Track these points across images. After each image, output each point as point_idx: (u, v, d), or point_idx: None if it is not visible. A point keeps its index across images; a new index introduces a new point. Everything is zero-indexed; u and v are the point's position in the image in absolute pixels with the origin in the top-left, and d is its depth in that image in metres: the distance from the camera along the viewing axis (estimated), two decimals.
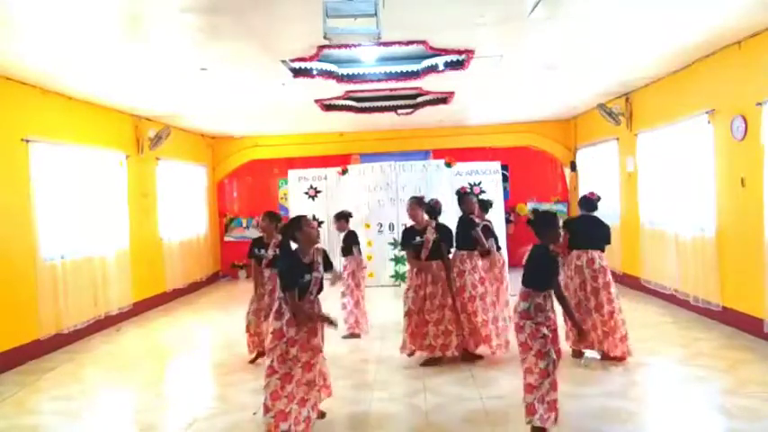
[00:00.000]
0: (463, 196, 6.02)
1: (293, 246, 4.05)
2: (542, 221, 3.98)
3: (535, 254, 3.97)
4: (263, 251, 5.71)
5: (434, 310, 5.46)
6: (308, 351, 3.90)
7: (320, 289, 4.10)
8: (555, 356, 3.79)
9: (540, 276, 3.92)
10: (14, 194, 6.20)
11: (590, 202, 5.67)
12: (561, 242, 4.09)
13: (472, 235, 5.71)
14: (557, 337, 3.95)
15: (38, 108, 6.63)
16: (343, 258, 6.99)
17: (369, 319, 6.94)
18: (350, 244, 6.90)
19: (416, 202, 5.63)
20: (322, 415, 4.25)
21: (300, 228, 4.00)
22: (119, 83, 6.73)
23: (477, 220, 5.90)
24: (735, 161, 6.17)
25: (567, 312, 4.22)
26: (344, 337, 6.58)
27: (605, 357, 5.34)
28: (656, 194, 7.95)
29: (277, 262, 5.20)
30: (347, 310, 6.75)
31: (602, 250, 5.52)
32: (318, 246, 4.14)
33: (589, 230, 5.58)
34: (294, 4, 4.43)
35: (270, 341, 3.86)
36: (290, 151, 12.03)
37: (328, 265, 4.22)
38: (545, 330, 3.80)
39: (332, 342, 4.40)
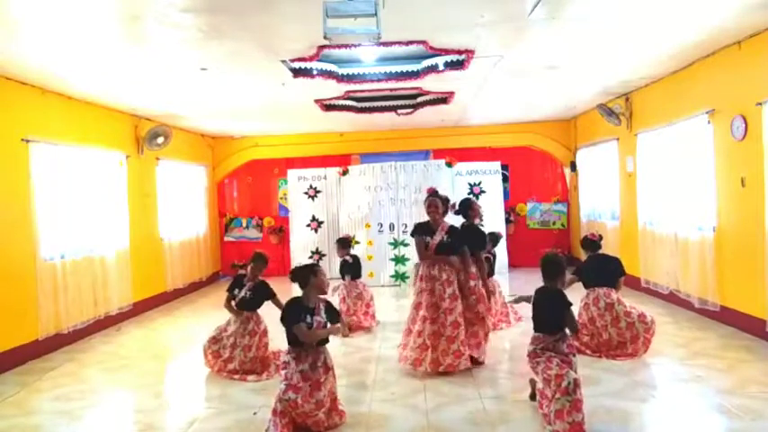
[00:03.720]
0: (471, 202, 6.00)
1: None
2: (553, 266, 4.11)
3: (543, 298, 4.11)
4: (236, 290, 5.55)
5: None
6: (311, 403, 3.98)
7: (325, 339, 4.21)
8: (578, 377, 3.80)
9: (551, 321, 4.08)
10: (14, 194, 6.20)
11: (593, 243, 5.89)
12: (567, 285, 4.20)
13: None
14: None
15: (38, 108, 6.63)
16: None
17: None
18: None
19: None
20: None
21: (315, 275, 4.20)
22: (119, 83, 6.73)
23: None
24: (735, 161, 6.17)
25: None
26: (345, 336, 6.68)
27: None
28: (655, 194, 7.95)
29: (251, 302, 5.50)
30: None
31: (613, 286, 5.68)
32: (323, 297, 4.29)
33: (597, 269, 5.78)
34: (294, 4, 4.43)
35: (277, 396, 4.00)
36: (289, 151, 12.04)
37: (334, 317, 4.28)
38: (557, 360, 3.91)
39: (332, 342, 4.39)
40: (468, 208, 5.90)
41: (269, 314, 5.41)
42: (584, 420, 3.71)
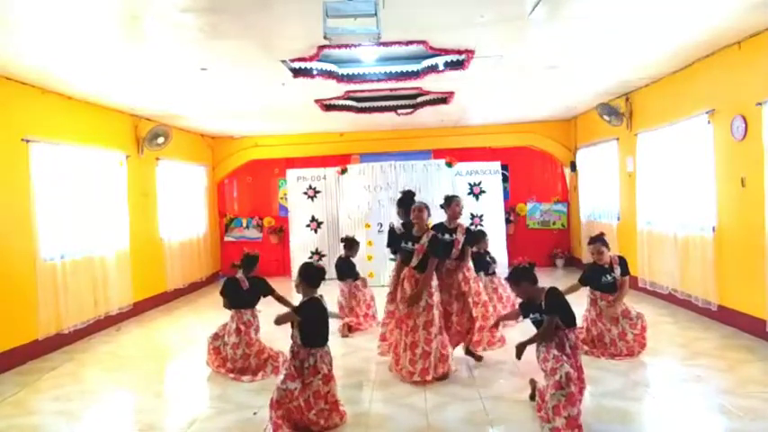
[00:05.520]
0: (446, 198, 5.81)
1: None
2: (518, 276, 4.17)
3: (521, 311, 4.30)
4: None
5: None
6: (301, 400, 4.03)
7: (319, 339, 4.20)
8: (570, 371, 3.79)
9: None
10: (14, 194, 6.20)
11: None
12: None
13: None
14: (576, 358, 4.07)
15: (38, 108, 6.63)
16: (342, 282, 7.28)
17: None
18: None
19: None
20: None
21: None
22: (119, 83, 6.73)
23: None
24: (735, 161, 6.17)
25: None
26: (344, 336, 6.67)
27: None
28: (655, 194, 7.95)
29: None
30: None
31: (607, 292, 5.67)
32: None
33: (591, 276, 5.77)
34: (294, 3, 4.43)
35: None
36: (289, 151, 12.03)
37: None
38: (555, 351, 3.91)
39: (331, 342, 4.39)
40: (445, 205, 5.77)
41: (269, 315, 5.40)
42: (579, 415, 3.71)
